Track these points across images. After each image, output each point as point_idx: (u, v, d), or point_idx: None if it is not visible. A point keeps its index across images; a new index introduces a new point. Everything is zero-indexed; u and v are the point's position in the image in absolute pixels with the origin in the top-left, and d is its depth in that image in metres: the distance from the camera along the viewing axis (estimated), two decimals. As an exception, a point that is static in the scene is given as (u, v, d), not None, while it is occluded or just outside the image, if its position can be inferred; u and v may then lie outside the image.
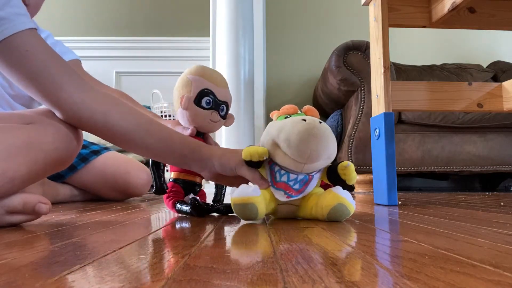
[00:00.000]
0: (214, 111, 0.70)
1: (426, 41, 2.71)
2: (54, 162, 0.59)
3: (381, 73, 0.98)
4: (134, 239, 0.42)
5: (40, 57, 0.56)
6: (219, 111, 0.71)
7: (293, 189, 0.58)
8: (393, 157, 0.93)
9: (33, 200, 0.55)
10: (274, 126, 0.58)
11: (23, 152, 0.55)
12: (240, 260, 0.31)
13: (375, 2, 1.02)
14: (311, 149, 0.54)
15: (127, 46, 2.59)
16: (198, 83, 0.69)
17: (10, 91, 0.97)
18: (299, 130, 0.54)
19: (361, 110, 1.80)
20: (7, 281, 0.25)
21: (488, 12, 1.05)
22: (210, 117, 0.70)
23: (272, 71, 2.62)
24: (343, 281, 0.24)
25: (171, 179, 0.72)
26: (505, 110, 1.05)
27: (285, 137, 0.55)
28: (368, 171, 1.77)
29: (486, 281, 0.24)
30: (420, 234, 0.44)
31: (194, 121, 0.70)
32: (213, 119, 0.70)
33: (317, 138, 0.54)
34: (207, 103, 0.69)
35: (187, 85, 0.69)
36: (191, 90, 0.69)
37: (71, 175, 1.17)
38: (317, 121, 0.56)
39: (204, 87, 0.69)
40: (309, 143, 0.54)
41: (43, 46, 0.57)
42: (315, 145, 0.54)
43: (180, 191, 0.70)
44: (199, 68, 0.71)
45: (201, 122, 0.70)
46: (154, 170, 0.68)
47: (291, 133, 0.55)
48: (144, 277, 0.26)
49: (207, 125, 0.71)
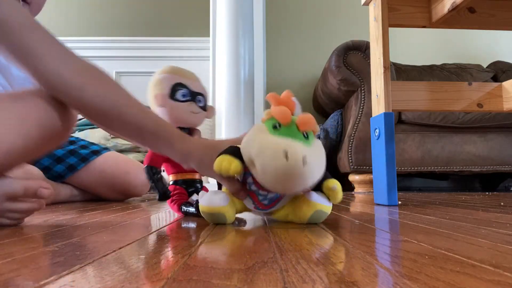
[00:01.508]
0: (192, 102, 0.70)
1: (426, 41, 2.71)
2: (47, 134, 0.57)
3: (381, 73, 0.98)
4: (134, 239, 0.42)
5: (15, 25, 0.54)
6: (196, 102, 0.70)
7: (261, 203, 0.56)
8: (393, 157, 0.93)
9: (34, 185, 0.54)
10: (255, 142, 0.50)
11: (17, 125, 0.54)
12: (240, 260, 0.31)
13: (375, 2, 1.02)
14: (286, 187, 0.50)
15: (127, 46, 2.59)
16: (170, 79, 0.69)
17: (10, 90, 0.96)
18: (277, 168, 0.47)
19: (361, 110, 1.80)
20: (7, 281, 0.25)
21: (488, 12, 1.05)
22: (190, 109, 0.69)
23: (272, 71, 2.61)
24: (343, 281, 0.24)
25: (171, 182, 0.71)
26: (505, 110, 1.05)
27: (261, 165, 0.48)
28: (368, 171, 1.77)
29: (486, 281, 0.24)
30: (420, 234, 0.44)
31: (174, 116, 0.68)
32: (194, 110, 0.70)
33: (295, 179, 0.48)
34: (183, 95, 0.69)
35: (158, 84, 0.69)
36: (163, 87, 0.68)
37: (71, 175, 1.17)
38: (304, 153, 0.47)
39: (175, 81, 0.69)
40: (285, 183, 0.49)
41: (19, 13, 0.55)
42: (292, 185, 0.49)
43: (183, 192, 0.70)
44: (168, 67, 0.72)
45: (182, 115, 0.69)
46: (152, 179, 0.66)
47: (268, 166, 0.48)
48: (144, 277, 0.26)
49: (189, 117, 0.70)
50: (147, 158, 0.67)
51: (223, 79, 2.04)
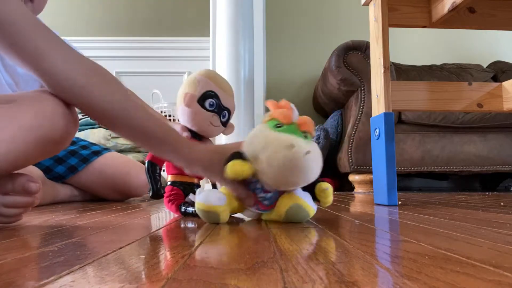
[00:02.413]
0: (216, 115, 0.69)
1: (426, 41, 2.71)
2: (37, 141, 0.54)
3: (381, 73, 0.98)
4: (134, 239, 0.42)
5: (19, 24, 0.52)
6: (220, 116, 0.70)
7: (263, 204, 0.57)
8: (393, 157, 0.93)
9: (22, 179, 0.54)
10: (260, 138, 0.53)
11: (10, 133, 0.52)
12: (240, 260, 0.31)
13: (375, 2, 1.02)
14: (289, 180, 0.52)
15: (127, 46, 2.59)
16: (205, 84, 0.69)
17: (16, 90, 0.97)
18: (284, 158, 0.50)
19: (361, 110, 1.80)
20: (7, 281, 0.25)
21: (488, 12, 1.05)
22: (211, 120, 0.69)
23: (272, 71, 2.62)
24: (343, 281, 0.24)
25: (169, 182, 0.71)
26: (505, 110, 1.05)
27: (267, 158, 0.51)
28: (368, 171, 1.77)
29: (486, 281, 0.24)
30: (420, 234, 0.44)
31: (194, 120, 0.69)
32: (214, 123, 0.70)
33: (299, 170, 0.51)
34: (210, 105, 0.68)
35: (193, 84, 0.69)
36: (196, 89, 0.68)
37: (72, 176, 1.17)
38: (307, 148, 0.50)
39: (210, 88, 0.69)
40: (289, 175, 0.51)
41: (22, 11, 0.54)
42: (295, 177, 0.51)
43: (180, 193, 0.70)
44: (210, 72, 0.71)
45: (201, 122, 0.69)
46: (150, 175, 0.67)
47: (273, 158, 0.50)
48: (144, 277, 0.26)
49: (206, 128, 0.70)
50: (150, 154, 0.68)
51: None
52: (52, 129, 0.55)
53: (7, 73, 0.95)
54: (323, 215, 0.68)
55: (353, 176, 1.85)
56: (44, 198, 1.03)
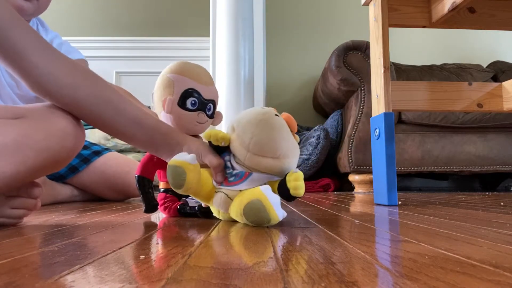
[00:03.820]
0: (201, 112, 0.65)
1: (426, 41, 2.71)
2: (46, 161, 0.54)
3: (381, 73, 0.98)
4: (134, 239, 0.42)
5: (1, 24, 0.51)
6: (205, 111, 0.66)
7: (227, 181, 0.57)
8: (393, 157, 0.93)
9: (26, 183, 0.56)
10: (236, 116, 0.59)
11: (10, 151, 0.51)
12: (240, 260, 0.31)
13: (375, 2, 1.02)
14: (253, 133, 0.53)
15: (127, 46, 2.59)
16: (181, 83, 0.63)
17: (17, 91, 0.96)
18: (256, 113, 0.55)
19: (361, 110, 1.80)
20: (7, 281, 0.25)
21: (488, 12, 1.05)
22: (196, 119, 0.65)
23: (272, 71, 2.62)
24: (343, 281, 0.24)
25: (161, 190, 0.69)
26: (505, 110, 1.05)
27: (239, 118, 0.56)
28: (368, 171, 1.77)
29: (486, 281, 0.24)
30: (420, 234, 0.44)
31: (179, 125, 0.64)
32: (200, 121, 0.65)
33: (264, 125, 0.53)
34: (192, 104, 0.64)
35: (168, 86, 0.64)
36: (173, 91, 0.63)
37: (72, 176, 1.17)
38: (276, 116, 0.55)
39: (187, 86, 0.63)
40: (255, 126, 0.53)
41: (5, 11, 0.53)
42: (260, 130, 0.53)
43: (174, 198, 0.68)
44: (181, 65, 0.65)
45: (187, 125, 0.65)
46: (141, 190, 0.64)
47: (245, 116, 0.56)
48: (144, 277, 0.26)
49: (194, 128, 0.65)
50: (139, 167, 0.65)
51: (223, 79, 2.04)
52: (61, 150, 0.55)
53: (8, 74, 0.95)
54: (323, 215, 0.68)
55: (353, 176, 1.85)
56: (44, 198, 1.03)
